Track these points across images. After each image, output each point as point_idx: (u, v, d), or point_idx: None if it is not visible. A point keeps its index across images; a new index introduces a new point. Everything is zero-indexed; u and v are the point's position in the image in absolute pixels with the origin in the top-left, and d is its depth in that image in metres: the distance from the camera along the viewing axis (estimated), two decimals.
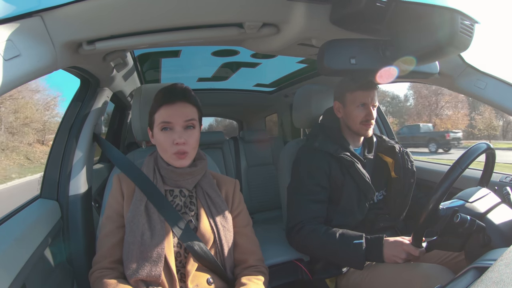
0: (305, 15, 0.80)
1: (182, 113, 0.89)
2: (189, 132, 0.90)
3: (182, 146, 0.88)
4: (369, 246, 1.02)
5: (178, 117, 0.89)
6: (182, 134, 0.88)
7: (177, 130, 0.89)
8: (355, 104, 1.20)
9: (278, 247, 1.36)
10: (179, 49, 1.68)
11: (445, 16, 0.65)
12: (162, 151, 0.92)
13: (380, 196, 1.27)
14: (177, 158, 0.89)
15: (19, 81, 0.60)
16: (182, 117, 0.89)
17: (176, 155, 0.89)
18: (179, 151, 0.88)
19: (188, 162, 0.92)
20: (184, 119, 0.89)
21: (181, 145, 0.88)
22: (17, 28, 0.61)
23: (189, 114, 0.90)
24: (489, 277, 0.45)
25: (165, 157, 0.92)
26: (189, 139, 0.89)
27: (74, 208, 1.07)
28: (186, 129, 0.90)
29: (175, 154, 0.89)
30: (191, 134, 0.90)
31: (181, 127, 0.89)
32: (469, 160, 0.85)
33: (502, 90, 1.01)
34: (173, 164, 0.91)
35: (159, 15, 0.77)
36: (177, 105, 0.90)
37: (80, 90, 1.24)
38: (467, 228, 0.78)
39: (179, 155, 0.89)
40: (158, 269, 0.81)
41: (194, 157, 0.94)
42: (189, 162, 0.92)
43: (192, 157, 0.92)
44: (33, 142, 15.23)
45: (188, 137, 0.89)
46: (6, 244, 0.69)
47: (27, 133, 15.01)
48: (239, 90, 2.61)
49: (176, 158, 0.89)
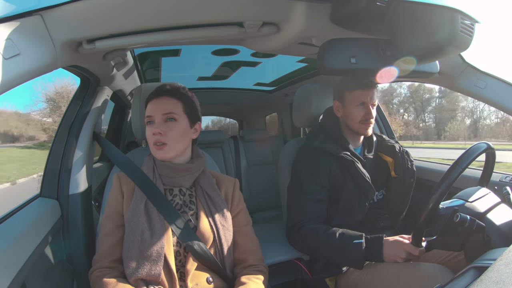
0: (306, 14, 0.80)
1: (162, 106, 0.93)
2: (169, 125, 0.92)
3: (159, 137, 0.90)
4: (369, 245, 1.02)
5: (157, 110, 0.92)
6: (160, 126, 0.91)
7: (156, 122, 0.92)
8: (354, 103, 1.20)
9: (278, 247, 1.36)
10: (179, 48, 1.68)
11: (445, 15, 0.65)
12: (149, 146, 0.94)
13: (380, 196, 1.27)
14: (156, 149, 0.91)
15: (19, 80, 0.60)
16: (161, 110, 0.92)
17: (155, 146, 0.91)
18: (156, 141, 0.90)
19: (170, 155, 0.93)
20: (162, 112, 0.92)
21: (157, 135, 0.90)
22: (17, 27, 0.61)
23: (168, 107, 0.93)
24: (489, 277, 0.45)
25: (151, 151, 0.94)
26: (168, 131, 0.91)
27: (74, 207, 1.07)
28: (166, 122, 0.92)
29: (154, 145, 0.91)
30: (170, 127, 0.92)
31: (161, 120, 0.92)
32: (469, 160, 0.85)
33: (502, 90, 1.01)
34: (155, 156, 0.94)
35: (159, 14, 0.77)
36: (159, 99, 0.94)
37: (80, 89, 1.24)
38: (467, 227, 0.78)
39: (157, 146, 0.91)
40: (158, 268, 0.81)
41: (178, 151, 0.94)
42: (170, 155, 0.93)
43: (174, 150, 0.93)
44: None
45: (167, 129, 0.91)
46: (6, 243, 0.69)
47: None
48: (239, 89, 2.60)
49: (155, 149, 0.92)
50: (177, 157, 0.95)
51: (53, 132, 8.00)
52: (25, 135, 22.79)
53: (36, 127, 23.12)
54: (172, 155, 0.93)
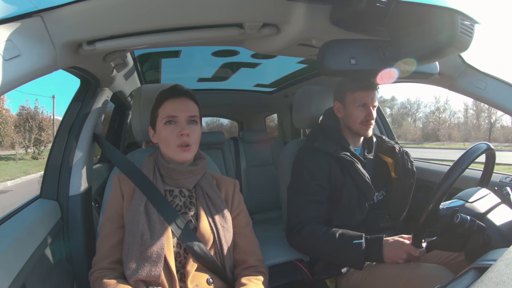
0: (305, 16, 0.80)
1: (186, 107, 0.93)
2: (192, 127, 0.92)
3: (187, 138, 0.90)
4: (368, 246, 1.02)
5: (182, 111, 0.92)
6: (186, 127, 0.91)
7: (182, 123, 0.91)
8: (355, 105, 1.20)
9: (278, 248, 1.36)
10: (179, 49, 1.68)
11: (445, 16, 0.65)
12: (165, 146, 0.93)
13: (380, 196, 1.27)
14: (181, 151, 0.91)
15: (19, 81, 0.60)
16: (186, 111, 0.92)
17: (180, 148, 0.90)
18: (183, 143, 0.90)
19: (191, 156, 0.93)
20: (188, 114, 0.92)
21: (185, 137, 0.90)
22: (17, 28, 0.61)
23: (192, 109, 0.94)
24: (489, 278, 0.44)
25: (168, 152, 0.93)
26: (193, 133, 0.92)
27: (74, 208, 1.07)
28: (189, 124, 0.93)
29: (179, 146, 0.90)
30: (194, 129, 0.93)
31: (185, 121, 0.92)
32: (469, 161, 0.85)
33: (502, 90, 1.02)
34: (176, 158, 0.92)
35: (159, 15, 0.77)
36: (181, 99, 0.93)
37: (80, 90, 1.24)
38: (467, 228, 0.78)
39: (183, 148, 0.91)
40: (158, 269, 0.81)
41: (196, 153, 0.96)
42: (191, 157, 0.94)
43: (194, 152, 0.94)
44: None
45: (192, 131, 0.92)
46: (6, 244, 0.69)
47: None
48: (239, 90, 2.61)
49: (180, 151, 0.91)
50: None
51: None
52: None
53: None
54: (192, 157, 0.95)
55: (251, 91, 2.66)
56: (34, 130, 19.69)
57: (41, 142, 19.39)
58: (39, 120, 20.03)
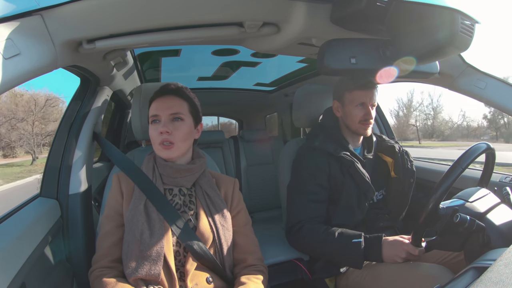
0: (306, 15, 0.80)
1: (169, 105, 0.92)
2: (175, 124, 0.91)
3: (167, 136, 0.90)
4: (368, 245, 1.02)
5: (164, 109, 0.92)
6: (167, 125, 0.90)
7: (163, 121, 0.91)
8: (354, 104, 1.20)
9: (278, 247, 1.36)
10: (180, 48, 1.68)
11: (445, 16, 0.65)
12: (153, 145, 0.94)
13: (380, 196, 1.27)
14: (163, 149, 0.91)
15: (19, 80, 0.60)
16: (168, 109, 0.92)
17: (161, 146, 0.90)
18: (163, 141, 0.90)
19: (176, 155, 0.92)
20: (170, 111, 0.91)
21: (165, 135, 0.89)
22: (17, 27, 0.61)
23: (175, 107, 0.92)
24: (489, 277, 0.45)
25: (155, 150, 0.94)
26: (175, 131, 0.91)
27: (74, 207, 1.07)
28: (173, 121, 0.92)
29: (160, 144, 0.90)
30: (177, 126, 0.91)
31: (168, 119, 0.91)
32: (469, 160, 0.85)
33: (502, 90, 1.02)
34: (161, 156, 0.93)
35: (159, 14, 0.77)
36: (165, 98, 0.93)
37: (80, 89, 1.24)
38: (466, 228, 0.78)
39: (164, 146, 0.90)
40: (158, 268, 0.81)
41: (184, 150, 0.94)
42: (176, 155, 0.93)
43: (180, 150, 0.93)
44: None
45: (174, 129, 0.91)
46: (6, 243, 0.69)
47: None
48: (239, 89, 2.60)
49: (161, 149, 0.91)
50: (179, 158, 0.95)
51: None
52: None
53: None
54: (178, 155, 0.93)
55: (251, 90, 2.65)
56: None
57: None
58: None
